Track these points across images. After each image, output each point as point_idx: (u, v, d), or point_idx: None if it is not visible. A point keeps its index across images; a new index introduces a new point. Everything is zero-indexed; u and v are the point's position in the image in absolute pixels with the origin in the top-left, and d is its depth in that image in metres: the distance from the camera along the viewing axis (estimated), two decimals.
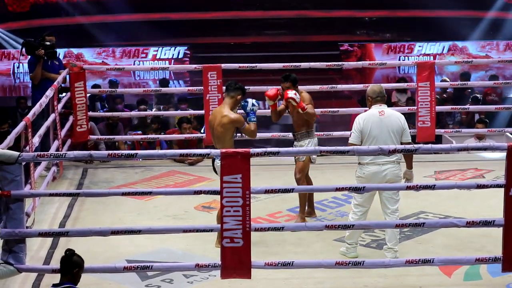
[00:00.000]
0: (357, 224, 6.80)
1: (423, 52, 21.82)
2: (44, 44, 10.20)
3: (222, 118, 7.47)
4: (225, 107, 7.55)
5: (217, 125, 7.49)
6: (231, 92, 7.61)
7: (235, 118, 7.48)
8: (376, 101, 7.35)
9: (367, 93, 7.42)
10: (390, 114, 7.31)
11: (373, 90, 7.40)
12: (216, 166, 7.36)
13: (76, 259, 5.54)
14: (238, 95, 7.60)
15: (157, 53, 21.68)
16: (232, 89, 7.63)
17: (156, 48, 21.68)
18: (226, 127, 7.45)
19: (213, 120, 7.57)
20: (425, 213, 8.61)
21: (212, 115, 7.73)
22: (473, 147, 7.98)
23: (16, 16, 21.50)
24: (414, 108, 10.91)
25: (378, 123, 7.21)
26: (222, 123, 7.46)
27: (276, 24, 22.65)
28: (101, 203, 8.78)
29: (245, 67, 10.76)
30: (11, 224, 6.30)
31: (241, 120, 7.51)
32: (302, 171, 8.28)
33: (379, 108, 7.31)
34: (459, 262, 6.91)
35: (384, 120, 7.23)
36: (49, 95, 9.18)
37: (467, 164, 10.46)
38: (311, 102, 8.38)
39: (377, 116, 7.24)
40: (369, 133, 7.21)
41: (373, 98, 7.36)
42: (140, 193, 6.84)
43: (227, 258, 6.30)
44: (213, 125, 7.54)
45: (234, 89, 7.63)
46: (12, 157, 6.17)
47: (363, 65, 13.33)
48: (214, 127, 7.52)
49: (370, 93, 7.39)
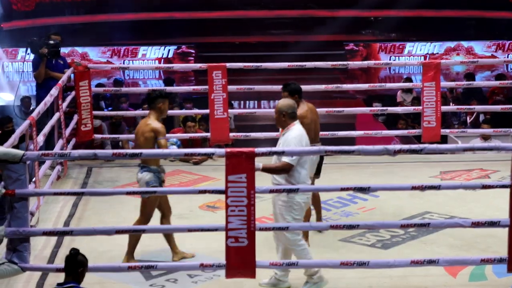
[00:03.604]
0: (362, 224, 6.77)
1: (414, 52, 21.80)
2: (48, 43, 10.20)
3: (145, 127, 7.31)
4: (150, 117, 7.37)
5: (140, 134, 7.34)
6: (151, 103, 7.41)
7: (158, 127, 7.27)
8: (293, 117, 6.83)
9: (280, 108, 6.81)
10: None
11: (289, 105, 6.86)
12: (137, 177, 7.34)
13: (81, 258, 5.55)
14: (159, 103, 7.38)
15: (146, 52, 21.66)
16: (151, 99, 7.42)
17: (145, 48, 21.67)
18: (148, 135, 7.27)
19: (137, 130, 7.43)
20: (430, 214, 8.59)
21: (138, 126, 7.53)
22: (479, 148, 7.98)
23: (20, 14, 21.49)
24: (419, 108, 10.88)
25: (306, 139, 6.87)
26: (145, 131, 7.29)
27: (281, 23, 22.60)
28: (105, 202, 8.77)
29: (250, 67, 10.75)
30: (15, 223, 6.30)
31: (162, 131, 7.29)
32: None
33: (299, 124, 6.88)
34: (465, 262, 6.90)
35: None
36: (54, 94, 9.18)
37: (473, 165, 10.45)
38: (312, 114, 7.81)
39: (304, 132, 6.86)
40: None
41: (288, 114, 6.81)
42: (145, 192, 6.84)
43: (232, 257, 6.29)
44: (137, 135, 7.39)
45: (154, 99, 7.40)
46: (17, 156, 6.16)
47: (368, 64, 13.34)
48: (138, 137, 7.37)
49: (286, 108, 6.81)
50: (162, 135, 7.28)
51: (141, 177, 7.32)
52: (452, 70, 21.11)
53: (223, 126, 10.50)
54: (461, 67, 20.80)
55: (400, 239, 7.87)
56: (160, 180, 7.33)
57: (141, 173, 7.32)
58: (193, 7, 22.01)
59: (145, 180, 7.28)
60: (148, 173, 7.29)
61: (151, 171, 7.30)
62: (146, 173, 7.30)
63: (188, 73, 20.93)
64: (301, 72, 11.55)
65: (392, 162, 10.34)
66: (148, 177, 7.28)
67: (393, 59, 21.08)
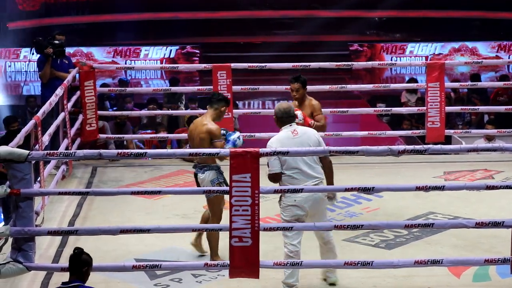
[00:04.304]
0: (366, 225, 6.77)
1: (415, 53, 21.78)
2: (53, 42, 10.22)
3: (202, 127, 7.33)
4: (207, 117, 7.40)
5: (196, 135, 7.36)
6: (214, 103, 7.43)
7: (214, 129, 7.29)
8: (286, 121, 6.82)
9: (275, 110, 6.86)
10: (303, 131, 6.83)
11: (280, 109, 6.82)
12: (199, 179, 7.35)
13: (85, 257, 5.56)
14: (222, 107, 7.45)
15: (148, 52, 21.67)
16: (216, 100, 7.46)
17: (147, 48, 21.68)
18: (203, 136, 7.29)
19: (193, 130, 7.43)
20: (434, 214, 8.59)
21: (193, 124, 7.54)
22: (483, 148, 7.99)
23: (26, 15, 21.53)
24: (423, 109, 10.89)
25: (293, 144, 6.68)
26: (201, 132, 7.32)
27: (285, 24, 22.61)
28: (110, 202, 8.79)
29: (255, 67, 10.75)
30: (20, 222, 6.32)
31: (218, 134, 7.30)
32: None
33: (290, 128, 6.79)
34: (468, 263, 6.91)
35: (299, 140, 6.75)
36: (59, 94, 9.20)
37: (477, 165, 10.44)
38: (321, 111, 8.31)
39: (291, 138, 6.74)
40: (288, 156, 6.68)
41: (281, 118, 6.82)
42: (149, 192, 6.86)
43: (236, 257, 6.30)
44: (193, 135, 7.41)
45: (219, 101, 7.44)
46: (22, 156, 6.18)
47: (372, 65, 13.35)
48: (194, 137, 7.40)
49: (277, 112, 6.83)
50: (218, 138, 7.28)
51: (204, 177, 7.30)
52: (456, 71, 21.10)
53: (227, 126, 10.49)
54: (465, 68, 20.79)
55: (404, 239, 7.87)
56: (223, 176, 7.33)
57: (203, 174, 7.31)
58: (198, 7, 22.03)
59: (209, 179, 7.27)
60: (210, 172, 7.29)
61: (213, 169, 7.29)
62: (209, 172, 7.30)
63: (193, 73, 20.95)
64: (305, 72, 11.53)
65: (396, 163, 10.34)
66: (211, 176, 7.27)
67: (394, 60, 21.09)
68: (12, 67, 20.87)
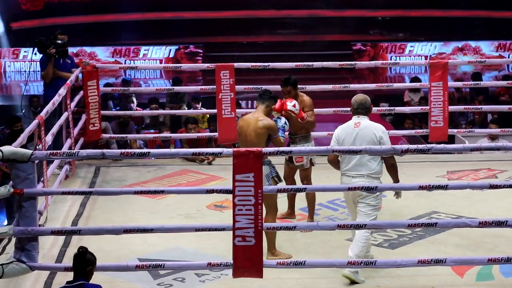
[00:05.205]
0: (369, 224, 6.77)
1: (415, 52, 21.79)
2: (56, 42, 10.22)
3: (258, 123, 7.37)
4: (260, 114, 7.46)
5: (251, 130, 7.40)
6: (266, 100, 7.51)
7: (272, 124, 7.41)
8: (355, 112, 7.14)
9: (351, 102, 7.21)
10: (365, 126, 7.04)
11: (354, 100, 7.18)
12: None
13: (89, 257, 5.57)
14: (273, 105, 7.54)
15: (148, 52, 21.69)
16: (267, 98, 7.53)
17: (146, 47, 21.69)
18: (260, 132, 7.35)
19: (246, 126, 7.46)
20: (438, 213, 8.59)
21: (243, 121, 7.56)
22: (486, 147, 7.97)
23: (29, 14, 21.57)
24: (427, 108, 10.88)
25: (350, 134, 7.01)
26: (258, 127, 7.37)
27: (288, 23, 22.65)
28: (113, 202, 8.79)
29: (258, 66, 10.75)
30: (23, 222, 6.32)
31: (276, 128, 7.44)
32: (307, 177, 8.25)
33: (356, 119, 7.09)
34: (472, 262, 6.90)
35: (357, 132, 7.01)
36: (62, 94, 9.20)
37: (480, 164, 10.44)
38: (312, 107, 8.26)
39: (351, 128, 7.05)
40: (343, 144, 7.01)
41: (354, 109, 7.16)
42: (153, 192, 6.86)
43: (239, 257, 6.29)
44: (246, 131, 7.44)
45: (270, 98, 7.54)
46: (25, 156, 6.19)
47: (375, 64, 13.33)
48: (248, 133, 7.42)
49: (352, 103, 7.18)
50: (276, 133, 7.41)
51: None
52: (459, 70, 21.11)
53: (230, 126, 10.50)
54: (469, 67, 20.79)
55: (407, 239, 7.87)
56: (276, 170, 7.39)
57: None
58: (201, 7, 22.06)
59: (264, 174, 7.24)
60: (264, 167, 7.21)
61: (265, 164, 7.24)
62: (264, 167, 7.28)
63: (196, 73, 20.98)
64: (308, 72, 11.52)
65: (399, 162, 10.27)
66: (266, 170, 7.24)
67: (394, 59, 21.08)
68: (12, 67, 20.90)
